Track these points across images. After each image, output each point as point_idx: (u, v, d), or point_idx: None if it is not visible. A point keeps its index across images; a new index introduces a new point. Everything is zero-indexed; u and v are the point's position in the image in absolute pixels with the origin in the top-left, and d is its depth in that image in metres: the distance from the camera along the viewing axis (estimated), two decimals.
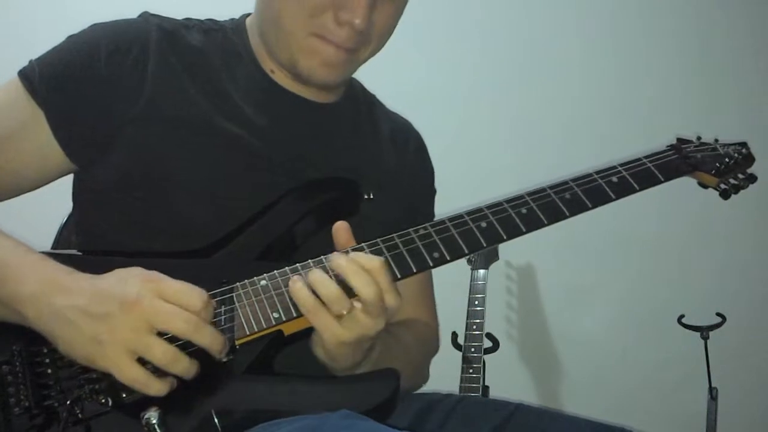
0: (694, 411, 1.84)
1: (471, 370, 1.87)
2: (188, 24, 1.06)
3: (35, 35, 1.38)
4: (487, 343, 1.92)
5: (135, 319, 0.76)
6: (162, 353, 0.76)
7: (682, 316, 1.87)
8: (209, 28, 1.08)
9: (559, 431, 1.01)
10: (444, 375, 1.21)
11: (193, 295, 0.79)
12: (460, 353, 1.90)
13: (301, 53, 0.99)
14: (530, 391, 2.26)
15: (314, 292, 0.82)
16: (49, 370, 0.82)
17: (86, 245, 1.04)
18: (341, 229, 0.89)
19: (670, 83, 2.23)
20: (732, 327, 1.83)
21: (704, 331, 1.82)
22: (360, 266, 0.82)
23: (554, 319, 2.27)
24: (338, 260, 0.83)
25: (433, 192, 1.24)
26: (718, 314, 1.82)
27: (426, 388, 1.14)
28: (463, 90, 2.27)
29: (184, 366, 0.78)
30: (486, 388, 1.88)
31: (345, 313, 0.81)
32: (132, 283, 0.78)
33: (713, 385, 1.80)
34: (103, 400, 0.79)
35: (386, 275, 0.83)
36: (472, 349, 1.89)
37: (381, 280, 0.82)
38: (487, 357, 1.90)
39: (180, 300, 0.78)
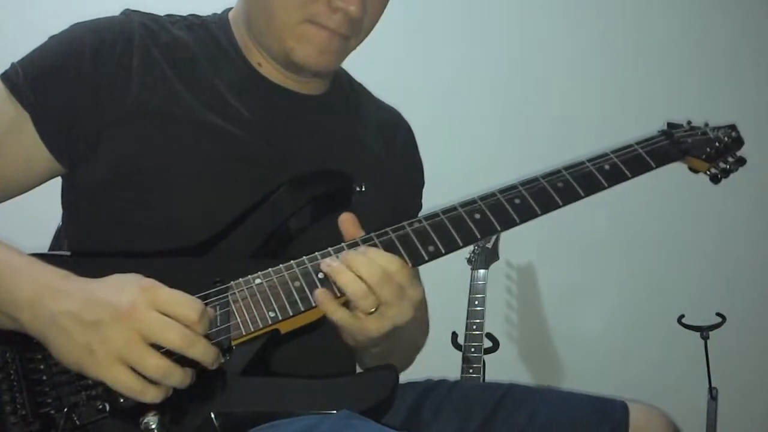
0: (694, 411, 1.83)
1: (471, 370, 1.87)
2: (171, 20, 1.05)
3: (14, 35, 1.37)
4: (487, 343, 1.91)
5: (127, 329, 0.74)
6: (155, 366, 0.74)
7: (682, 316, 1.87)
8: (192, 23, 1.06)
9: (553, 406, 1.02)
10: (444, 375, 1.21)
11: (189, 306, 0.77)
12: (460, 353, 1.90)
13: (295, 41, 0.98)
14: None
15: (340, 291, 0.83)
16: (45, 376, 0.80)
17: (77, 248, 1.02)
18: (348, 221, 0.89)
19: (663, 77, 2.23)
20: (732, 327, 1.83)
21: (704, 331, 1.82)
22: (381, 268, 0.82)
23: (554, 319, 2.27)
24: (357, 260, 0.83)
25: (422, 184, 1.23)
26: (718, 314, 1.82)
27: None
28: (454, 83, 2.26)
29: (177, 378, 0.76)
30: None
31: (372, 311, 0.82)
32: (127, 290, 0.76)
33: (713, 385, 1.80)
34: (101, 406, 0.78)
35: (407, 272, 0.84)
36: (472, 349, 1.88)
37: (401, 279, 0.83)
38: (487, 357, 1.89)
39: (175, 311, 0.76)
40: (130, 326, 0.74)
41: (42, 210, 1.20)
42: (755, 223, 2.18)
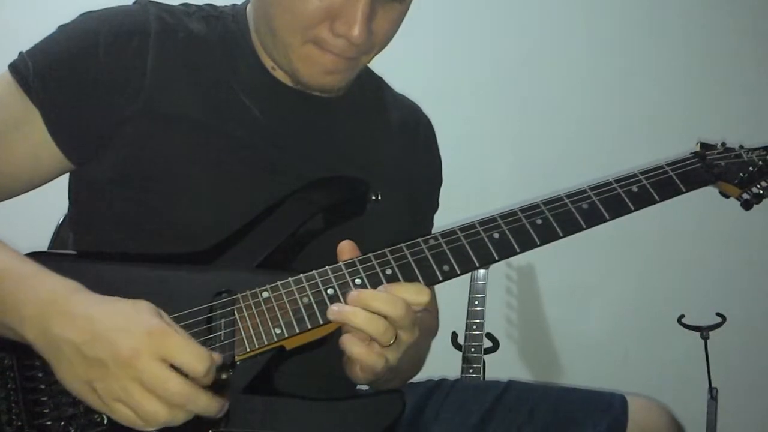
0: (694, 411, 1.83)
1: (471, 370, 1.87)
2: (188, 10, 1.01)
3: (22, 24, 1.34)
4: (487, 343, 1.91)
5: (127, 377, 0.70)
6: (153, 413, 0.71)
7: (682, 316, 1.86)
8: (208, 14, 1.02)
9: (551, 401, 1.01)
10: (444, 375, 1.21)
11: (196, 358, 0.72)
12: (460, 353, 1.89)
13: (299, 62, 0.94)
14: None
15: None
16: (43, 385, 0.79)
17: (83, 245, 1.00)
18: (346, 251, 0.86)
19: (675, 84, 2.22)
20: (732, 327, 1.82)
21: (704, 331, 1.81)
22: (394, 296, 0.81)
23: (554, 319, 2.26)
24: (373, 297, 0.80)
25: (440, 181, 1.20)
26: (718, 314, 1.81)
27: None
28: (467, 90, 2.25)
29: (179, 420, 0.73)
30: None
31: (393, 342, 0.80)
32: (133, 332, 0.72)
33: (713, 385, 1.79)
34: (99, 418, 0.77)
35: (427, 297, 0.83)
36: (472, 349, 1.88)
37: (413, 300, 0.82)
38: (487, 357, 1.89)
39: (181, 361, 0.72)
40: (131, 374, 0.70)
41: (41, 210, 1.19)
42: (755, 223, 2.17)
